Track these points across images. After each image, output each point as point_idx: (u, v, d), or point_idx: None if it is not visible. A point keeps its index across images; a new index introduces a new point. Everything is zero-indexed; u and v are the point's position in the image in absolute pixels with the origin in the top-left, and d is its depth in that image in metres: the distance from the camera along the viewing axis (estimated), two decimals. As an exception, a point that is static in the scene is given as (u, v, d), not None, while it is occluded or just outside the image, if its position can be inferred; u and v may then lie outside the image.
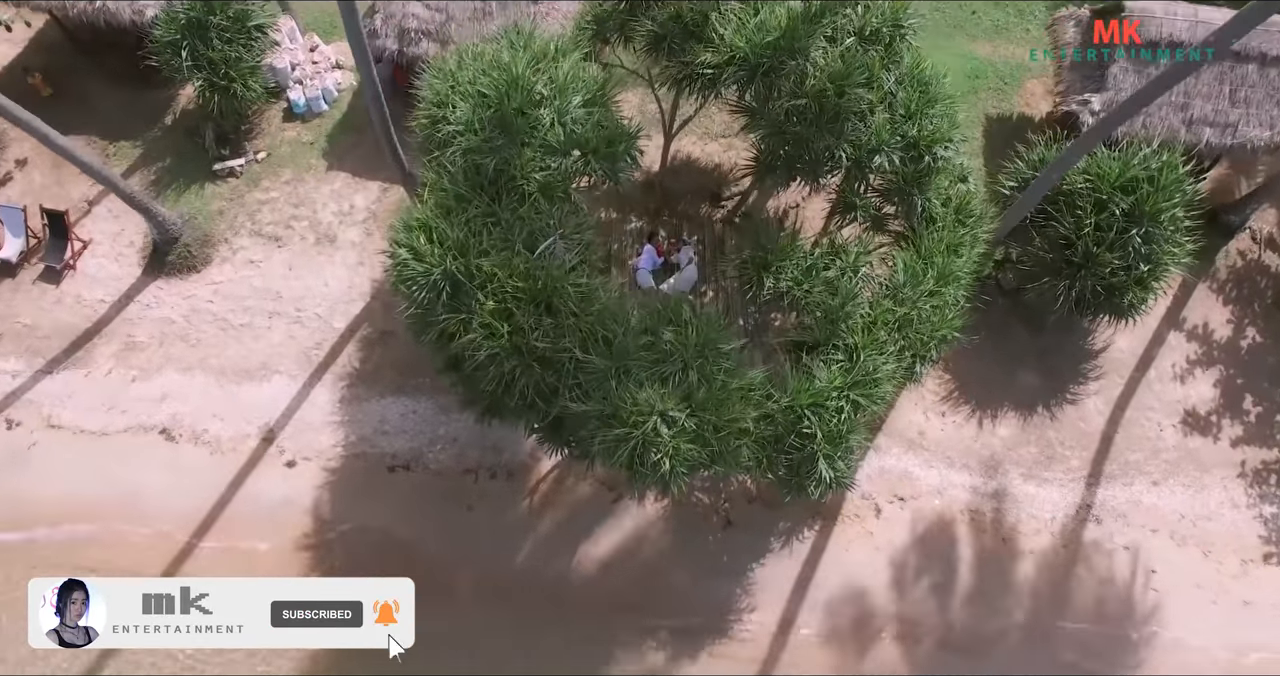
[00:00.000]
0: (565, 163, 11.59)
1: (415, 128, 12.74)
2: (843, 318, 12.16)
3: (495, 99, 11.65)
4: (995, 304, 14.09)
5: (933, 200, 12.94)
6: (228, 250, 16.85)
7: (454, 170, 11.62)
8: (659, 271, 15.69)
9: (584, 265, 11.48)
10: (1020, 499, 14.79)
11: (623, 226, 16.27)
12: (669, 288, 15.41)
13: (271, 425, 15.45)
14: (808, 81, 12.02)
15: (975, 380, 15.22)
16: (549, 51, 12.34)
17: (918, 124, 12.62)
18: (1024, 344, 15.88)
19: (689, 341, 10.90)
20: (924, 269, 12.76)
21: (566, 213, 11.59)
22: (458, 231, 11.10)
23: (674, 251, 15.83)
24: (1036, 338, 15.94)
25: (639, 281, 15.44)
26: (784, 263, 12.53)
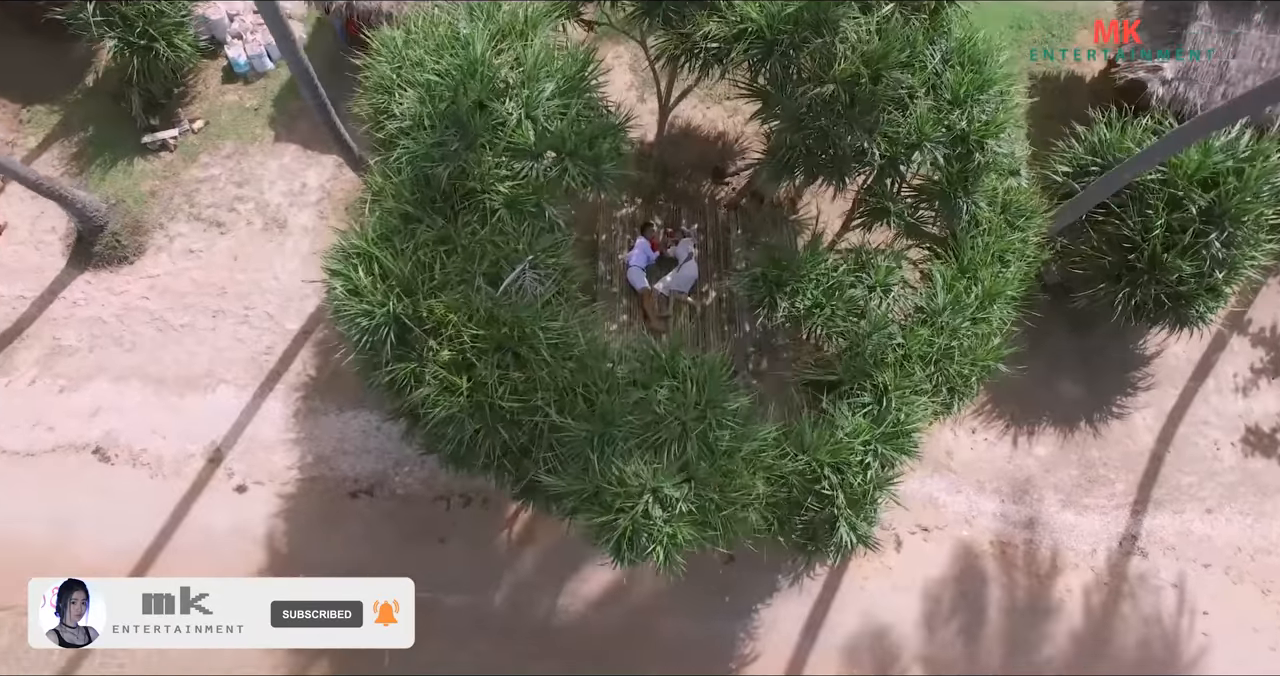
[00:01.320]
0: (537, 168, 9.30)
1: (359, 116, 10.41)
2: (870, 350, 10.11)
3: (449, 88, 9.27)
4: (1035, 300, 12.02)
5: (980, 203, 10.68)
6: (163, 238, 14.57)
7: (400, 180, 9.34)
8: (654, 267, 13.52)
9: (561, 297, 9.34)
10: (1058, 529, 13.03)
11: (611, 213, 13.98)
12: (665, 287, 13.25)
13: (218, 443, 13.53)
14: (836, 63, 9.60)
15: (1010, 391, 13.21)
16: (516, 25, 9.85)
17: (968, 112, 10.23)
18: (1066, 347, 13.83)
19: (688, 400, 8.88)
20: (967, 287, 10.61)
21: (539, 231, 9.37)
22: (403, 263, 8.91)
23: (671, 244, 13.60)
24: (1080, 340, 13.88)
25: (631, 281, 13.25)
26: (802, 281, 10.39)
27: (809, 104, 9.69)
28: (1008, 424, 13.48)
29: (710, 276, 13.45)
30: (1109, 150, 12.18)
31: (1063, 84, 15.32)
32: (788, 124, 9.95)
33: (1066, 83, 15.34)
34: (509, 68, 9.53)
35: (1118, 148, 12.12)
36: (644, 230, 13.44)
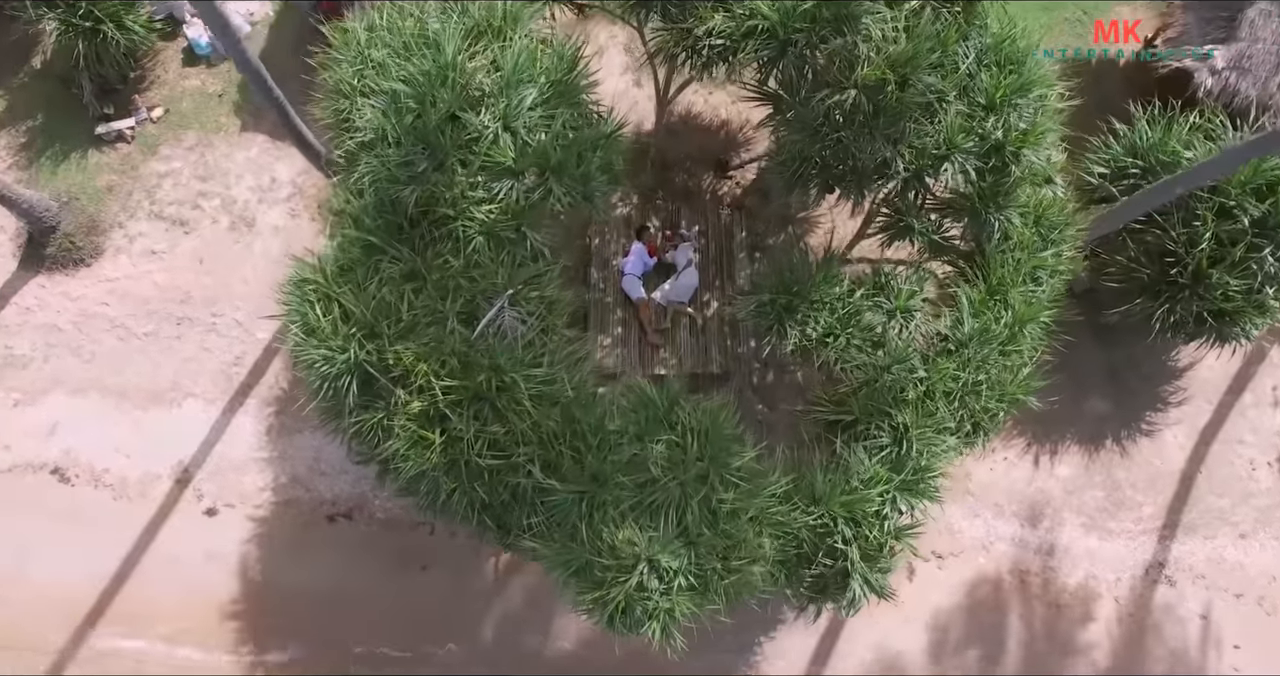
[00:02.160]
0: (517, 189, 8.13)
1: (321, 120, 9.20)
2: (889, 385, 9.06)
3: (416, 98, 8.04)
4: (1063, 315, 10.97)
5: (1013, 218, 9.52)
6: (122, 238, 13.38)
7: (361, 205, 8.18)
8: (650, 274, 12.38)
9: (546, 335, 8.25)
10: (1080, 556, 12.13)
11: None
12: (662, 297, 12.13)
13: (186, 462, 12.54)
14: (858, 67, 8.35)
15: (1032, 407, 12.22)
16: (493, 21, 8.56)
17: (1004, 119, 9.02)
18: (1092, 359, 12.75)
19: (688, 457, 7.87)
20: (997, 313, 9.52)
21: (519, 261, 8.24)
22: (366, 302, 7.80)
23: (669, 248, 12.44)
24: (1107, 350, 12.80)
25: (625, 289, 12.12)
26: (815, 307, 9.28)
27: (826, 112, 8.48)
28: (1029, 442, 12.49)
29: (712, 284, 12.32)
30: (1152, 151, 10.96)
31: (1093, 68, 13.96)
32: (801, 134, 8.74)
33: (1098, 67, 13.97)
34: (485, 73, 8.29)
35: (1161, 149, 10.89)
36: (640, 234, 12.26)
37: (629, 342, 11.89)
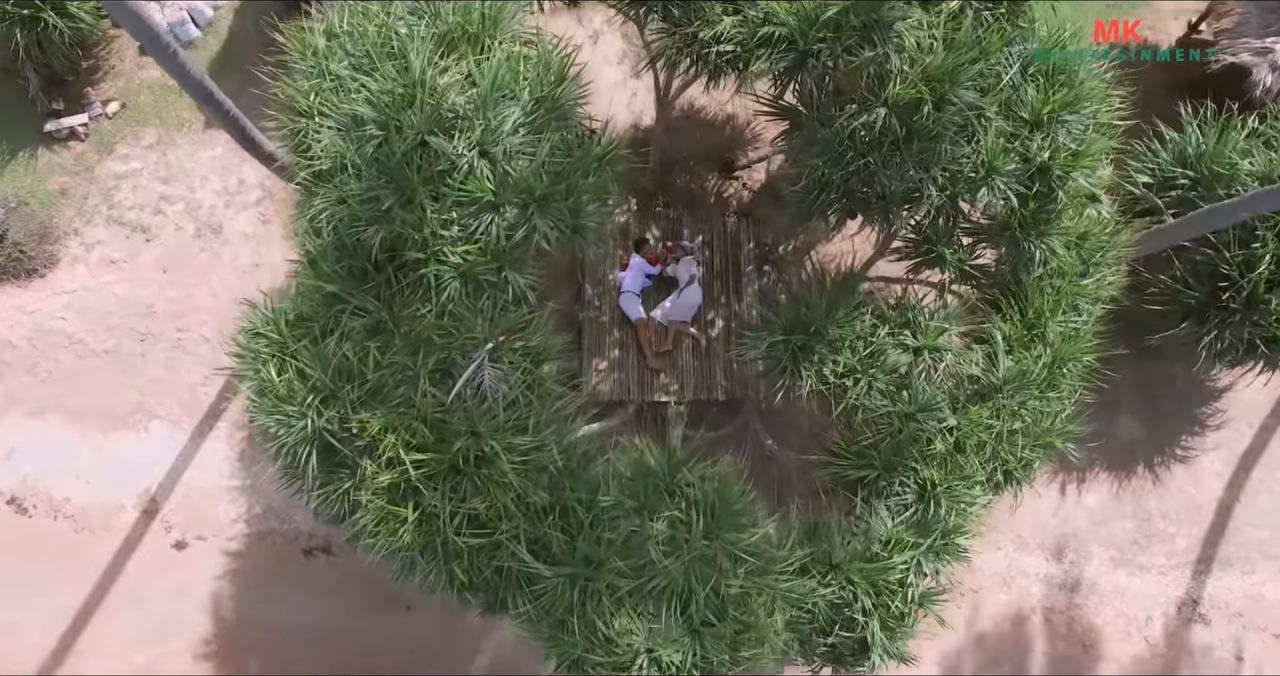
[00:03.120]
0: (497, 225, 7.05)
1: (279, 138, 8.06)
2: (914, 437, 8.09)
3: (380, 122, 6.90)
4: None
5: (1055, 246, 8.44)
6: (78, 246, 12.25)
7: (320, 247, 7.10)
8: (649, 288, 11.29)
9: (532, 391, 7.24)
10: (1108, 592, 11.28)
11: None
12: (662, 317, 11.06)
13: (153, 491, 11.61)
14: (890, 83, 7.20)
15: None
16: (468, 28, 7.37)
17: (1051, 137, 7.89)
18: (1125, 377, 11.75)
19: (693, 535, 6.92)
20: (1035, 352, 8.50)
21: (501, 307, 7.18)
22: (324, 361, 6.77)
23: (671, 261, 11.35)
24: (1141, 368, 11.79)
25: (623, 307, 11.04)
26: (834, 347, 8.26)
27: (850, 134, 7.35)
28: (1054, 469, 11.56)
29: (717, 300, 11.26)
30: (1203, 161, 9.82)
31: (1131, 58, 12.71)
32: (822, 157, 7.61)
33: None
34: (459, 89, 7.13)
35: (1215, 159, 9.76)
36: (638, 247, 11.15)
37: (627, 367, 10.88)
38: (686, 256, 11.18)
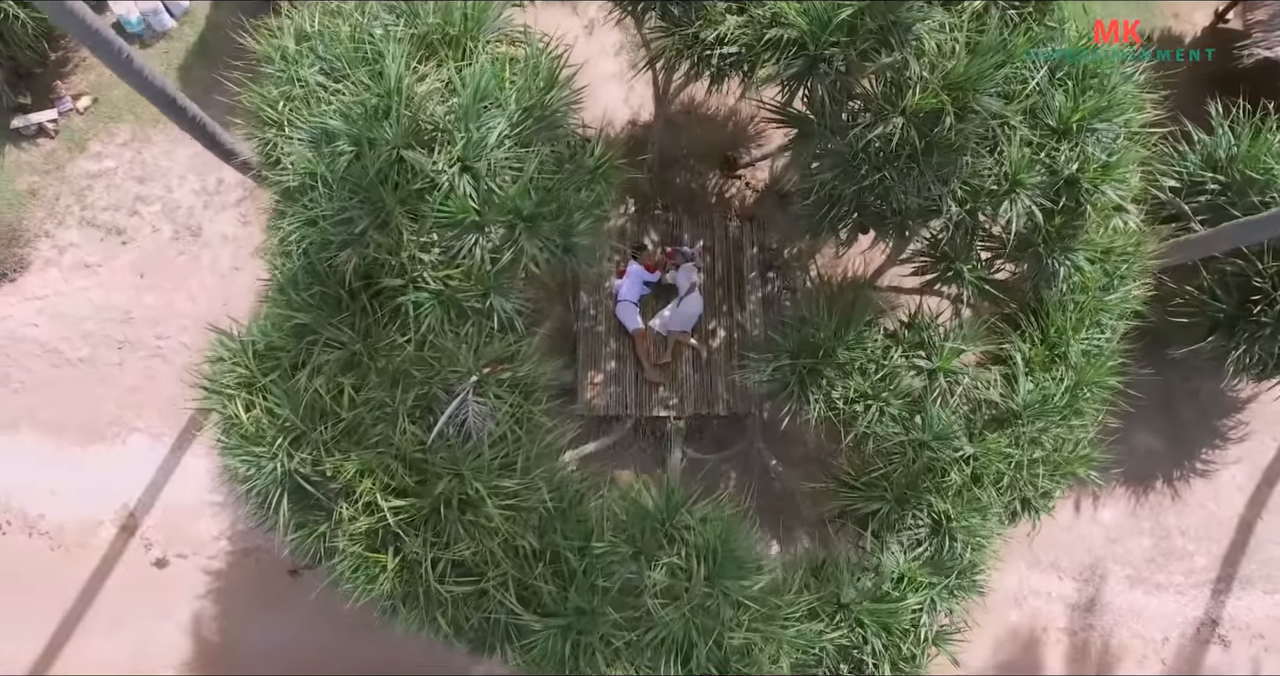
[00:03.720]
0: (481, 247, 6.47)
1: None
2: (928, 467, 7.58)
3: (352, 135, 6.31)
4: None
5: (1080, 262, 7.87)
6: (50, 249, 11.65)
7: (290, 270, 6.53)
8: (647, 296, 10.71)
9: (521, 426, 6.70)
10: (1124, 612, 10.83)
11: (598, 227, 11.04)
12: (661, 327, 10.51)
13: (132, 507, 11.12)
14: (909, 91, 6.59)
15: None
16: (449, 30, 6.73)
17: (1080, 147, 7.29)
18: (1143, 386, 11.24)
19: (694, 583, 6.42)
20: (1056, 374, 7.96)
21: (486, 335, 6.63)
22: (295, 399, 6.23)
23: (669, 266, 10.77)
24: (1160, 377, 11.25)
25: (619, 317, 10.49)
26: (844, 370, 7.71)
27: (865, 146, 6.75)
28: (1069, 483, 11.06)
29: (719, 309, 10.70)
30: (1235, 165, 9.22)
31: (1156, 46, 12.04)
32: (834, 170, 7.01)
33: (1162, 45, 12.07)
34: (439, 99, 6.52)
35: (1249, 163, 9.16)
36: (636, 254, 10.57)
37: (624, 380, 10.34)
38: (686, 263, 10.60)
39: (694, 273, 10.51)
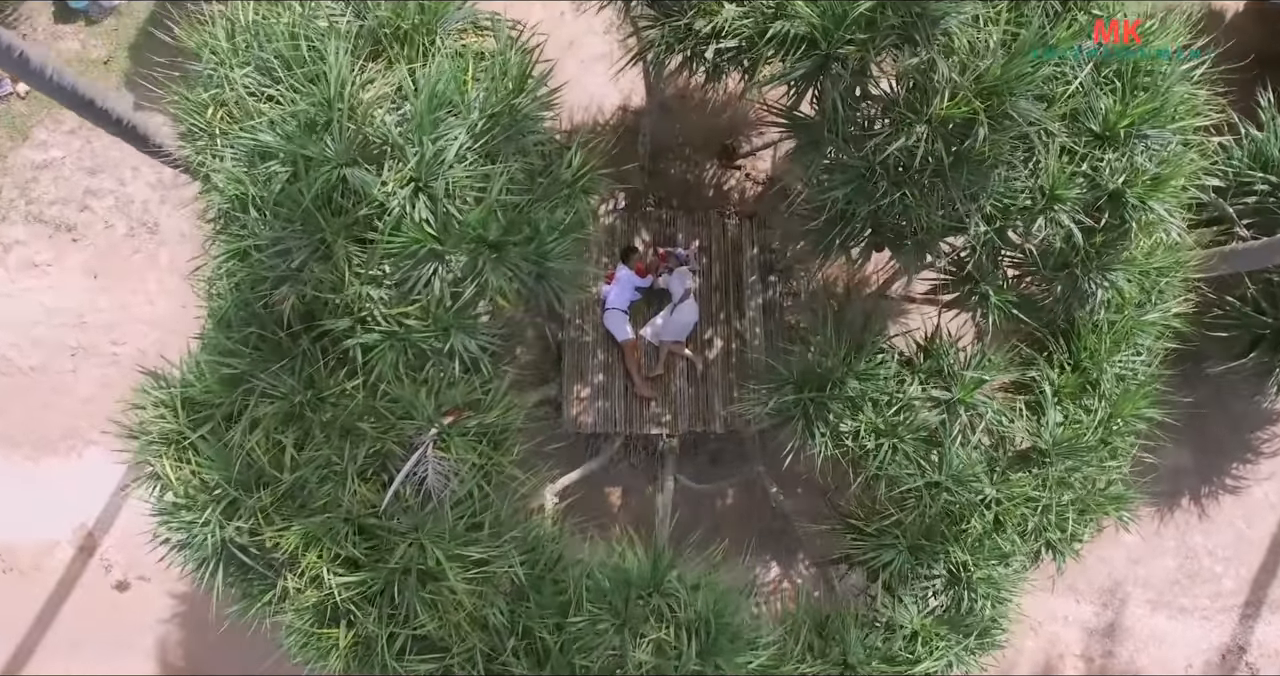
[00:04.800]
0: (440, 279, 5.61)
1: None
2: (945, 512, 6.81)
3: (288, 150, 5.41)
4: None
5: (1120, 282, 6.99)
6: (-5, 247, 10.84)
7: (222, 310, 5.67)
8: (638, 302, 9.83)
9: (489, 480, 5.90)
10: (1145, 638, 10.16)
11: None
12: (653, 336, 9.64)
13: (90, 526, 10.39)
14: (936, 96, 5.66)
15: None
16: (401, 25, 5.77)
17: (1126, 155, 6.37)
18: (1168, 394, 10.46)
19: (684, 662, 5.67)
20: (1088, 404, 7.16)
21: (448, 379, 5.80)
22: (227, 461, 5.42)
23: (662, 269, 9.86)
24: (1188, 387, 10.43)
25: (608, 325, 9.60)
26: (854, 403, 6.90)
27: (884, 160, 5.85)
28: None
29: (715, 316, 9.83)
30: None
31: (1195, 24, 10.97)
32: (846, 187, 6.10)
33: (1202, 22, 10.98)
34: (389, 106, 5.59)
35: (1305, 162, 8.24)
36: (626, 256, 9.66)
37: (612, 394, 9.50)
38: (681, 266, 9.69)
39: (689, 277, 9.60)
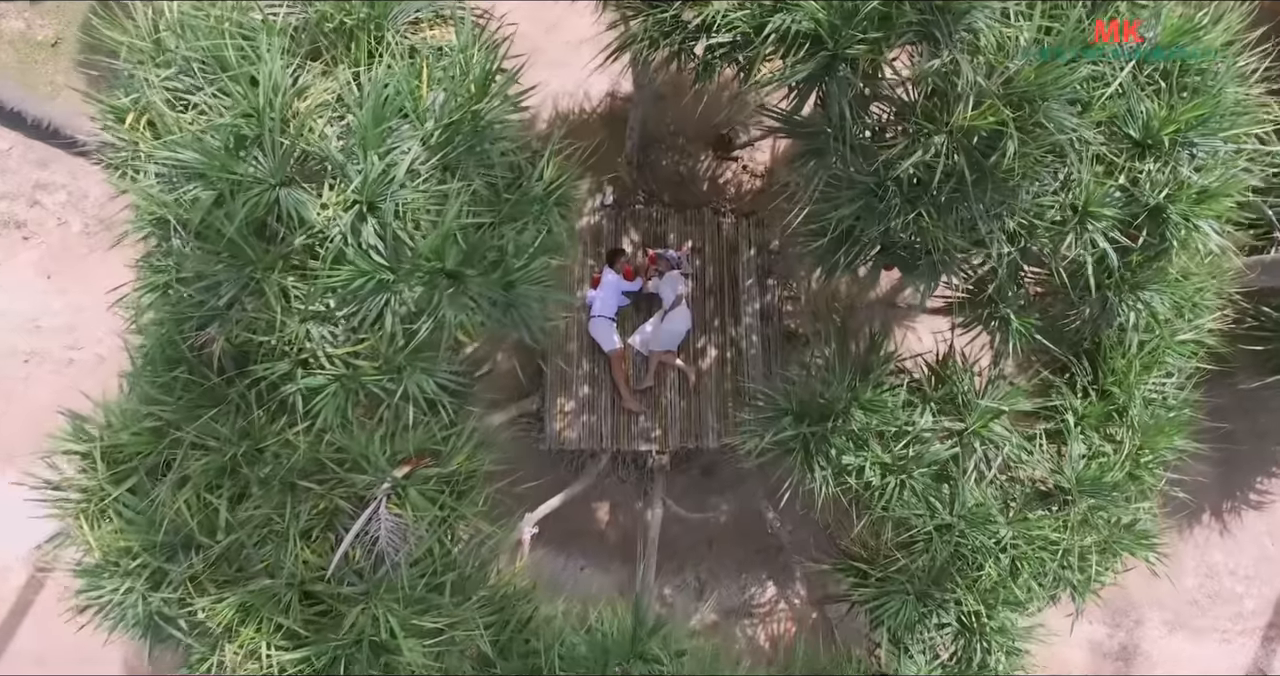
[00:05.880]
0: (391, 312, 4.92)
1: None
2: (957, 554, 6.20)
3: (213, 168, 4.69)
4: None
5: (1155, 304, 6.30)
6: (-61, 247, 10.11)
7: (145, 351, 5.00)
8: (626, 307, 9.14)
9: (451, 536, 5.27)
10: (1162, 660, 9.64)
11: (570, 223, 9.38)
12: (642, 345, 8.97)
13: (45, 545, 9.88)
14: (955, 103, 4.93)
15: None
16: (344, 21, 5.00)
17: (1170, 166, 5.65)
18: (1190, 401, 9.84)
19: (667, 741, 5.11)
20: (1113, 433, 6.52)
21: (404, 424, 5.14)
22: (150, 524, 4.78)
23: (652, 272, 9.16)
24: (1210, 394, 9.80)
25: (594, 336, 8.92)
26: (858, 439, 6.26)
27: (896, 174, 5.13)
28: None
29: (709, 323, 9.14)
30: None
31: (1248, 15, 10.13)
32: (854, 204, 5.38)
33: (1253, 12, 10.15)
34: (329, 115, 4.86)
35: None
36: (612, 259, 8.95)
37: (598, 408, 8.85)
38: (672, 270, 8.98)
39: (680, 282, 8.89)
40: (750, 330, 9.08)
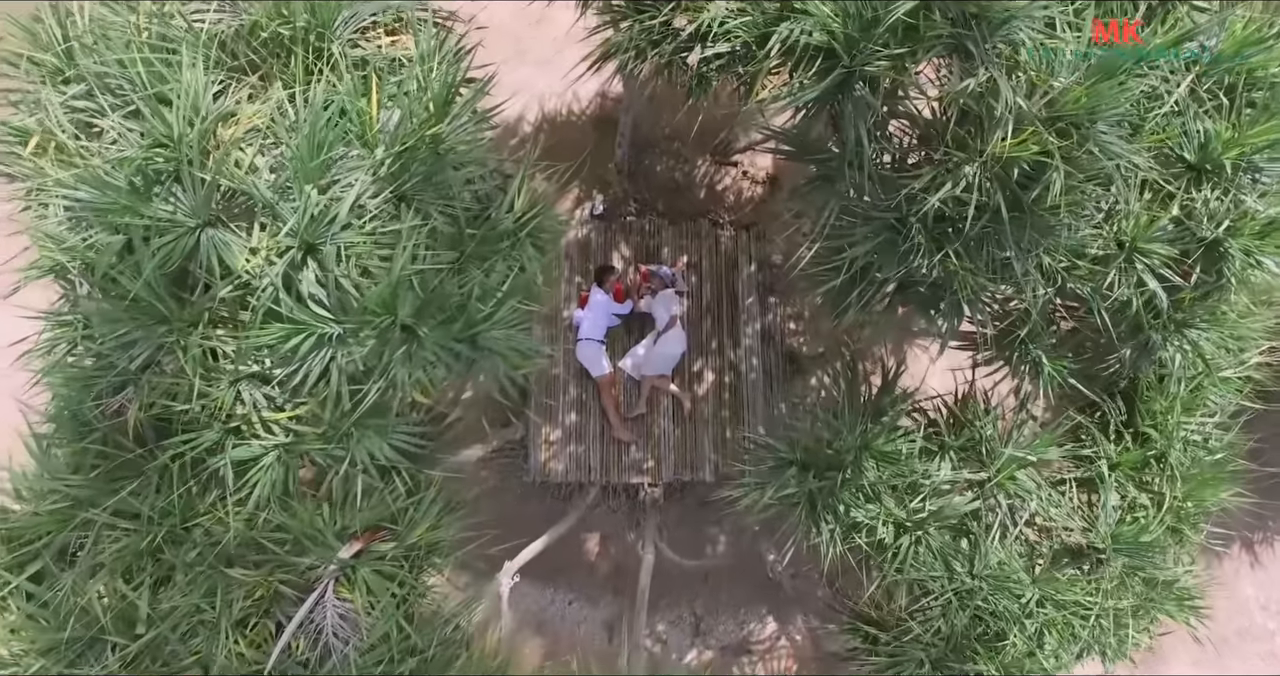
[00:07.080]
0: (337, 370, 4.24)
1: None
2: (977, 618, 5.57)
3: (115, 211, 3.98)
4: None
5: (1203, 344, 5.63)
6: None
7: (52, 414, 4.32)
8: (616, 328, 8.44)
9: (410, 618, 4.63)
10: (1184, 700, 9.13)
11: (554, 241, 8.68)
12: (634, 369, 8.29)
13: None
14: (991, 129, 4.23)
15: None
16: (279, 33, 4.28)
17: (1231, 196, 4.95)
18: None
19: None
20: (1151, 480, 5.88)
21: (351, 497, 4.48)
22: (59, 616, 4.13)
23: (644, 291, 8.46)
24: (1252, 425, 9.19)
25: (581, 359, 8.24)
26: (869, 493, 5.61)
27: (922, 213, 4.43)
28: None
29: (706, 345, 8.46)
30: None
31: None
32: (871, 241, 4.68)
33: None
34: (260, 141, 4.15)
35: None
36: (601, 277, 8.24)
37: (586, 437, 8.19)
38: (666, 288, 8.27)
39: (674, 302, 8.18)
40: (750, 352, 8.40)
